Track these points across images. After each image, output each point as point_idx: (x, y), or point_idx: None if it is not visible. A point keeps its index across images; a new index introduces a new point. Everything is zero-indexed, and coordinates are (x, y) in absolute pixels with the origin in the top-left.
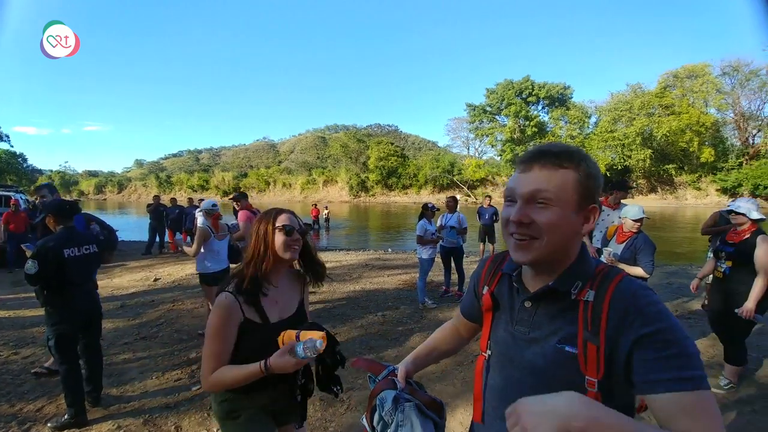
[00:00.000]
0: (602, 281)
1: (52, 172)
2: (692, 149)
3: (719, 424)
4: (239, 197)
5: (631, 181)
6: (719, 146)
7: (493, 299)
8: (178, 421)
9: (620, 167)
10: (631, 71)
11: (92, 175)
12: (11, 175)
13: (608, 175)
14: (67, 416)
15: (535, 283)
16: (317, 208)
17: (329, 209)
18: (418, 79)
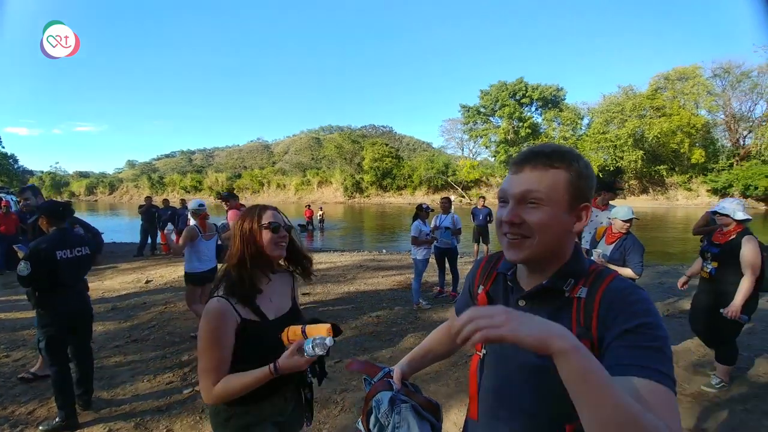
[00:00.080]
0: (595, 280)
1: (43, 173)
2: (683, 150)
3: (679, 424)
4: (228, 197)
5: (619, 181)
6: (710, 147)
7: (488, 298)
8: (170, 424)
9: (612, 168)
10: (623, 73)
11: (83, 176)
12: (2, 176)
13: (600, 176)
14: (58, 419)
15: (529, 282)
16: (311, 209)
17: (324, 210)
18: (412, 80)
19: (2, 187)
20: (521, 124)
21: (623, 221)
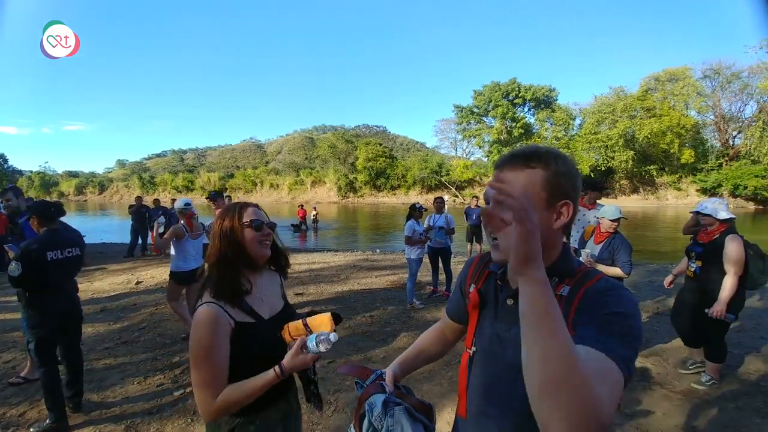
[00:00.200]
0: (581, 279)
1: (32, 173)
2: (673, 150)
3: (613, 407)
4: (215, 197)
5: (605, 182)
6: (699, 148)
7: (480, 297)
8: (160, 426)
9: (604, 168)
10: (614, 74)
11: (72, 175)
12: None
13: (592, 175)
14: (48, 421)
15: (517, 281)
16: (304, 208)
17: (318, 210)
18: (406, 80)
19: None
20: (514, 124)
21: (611, 221)
